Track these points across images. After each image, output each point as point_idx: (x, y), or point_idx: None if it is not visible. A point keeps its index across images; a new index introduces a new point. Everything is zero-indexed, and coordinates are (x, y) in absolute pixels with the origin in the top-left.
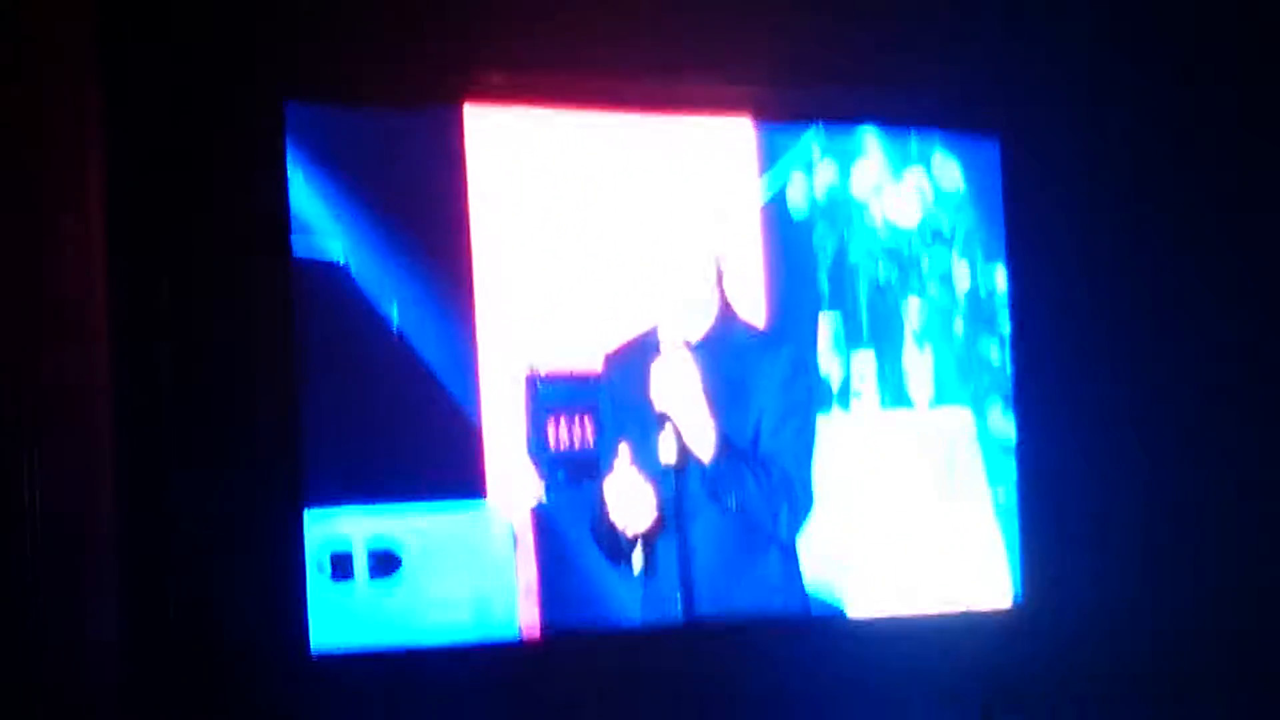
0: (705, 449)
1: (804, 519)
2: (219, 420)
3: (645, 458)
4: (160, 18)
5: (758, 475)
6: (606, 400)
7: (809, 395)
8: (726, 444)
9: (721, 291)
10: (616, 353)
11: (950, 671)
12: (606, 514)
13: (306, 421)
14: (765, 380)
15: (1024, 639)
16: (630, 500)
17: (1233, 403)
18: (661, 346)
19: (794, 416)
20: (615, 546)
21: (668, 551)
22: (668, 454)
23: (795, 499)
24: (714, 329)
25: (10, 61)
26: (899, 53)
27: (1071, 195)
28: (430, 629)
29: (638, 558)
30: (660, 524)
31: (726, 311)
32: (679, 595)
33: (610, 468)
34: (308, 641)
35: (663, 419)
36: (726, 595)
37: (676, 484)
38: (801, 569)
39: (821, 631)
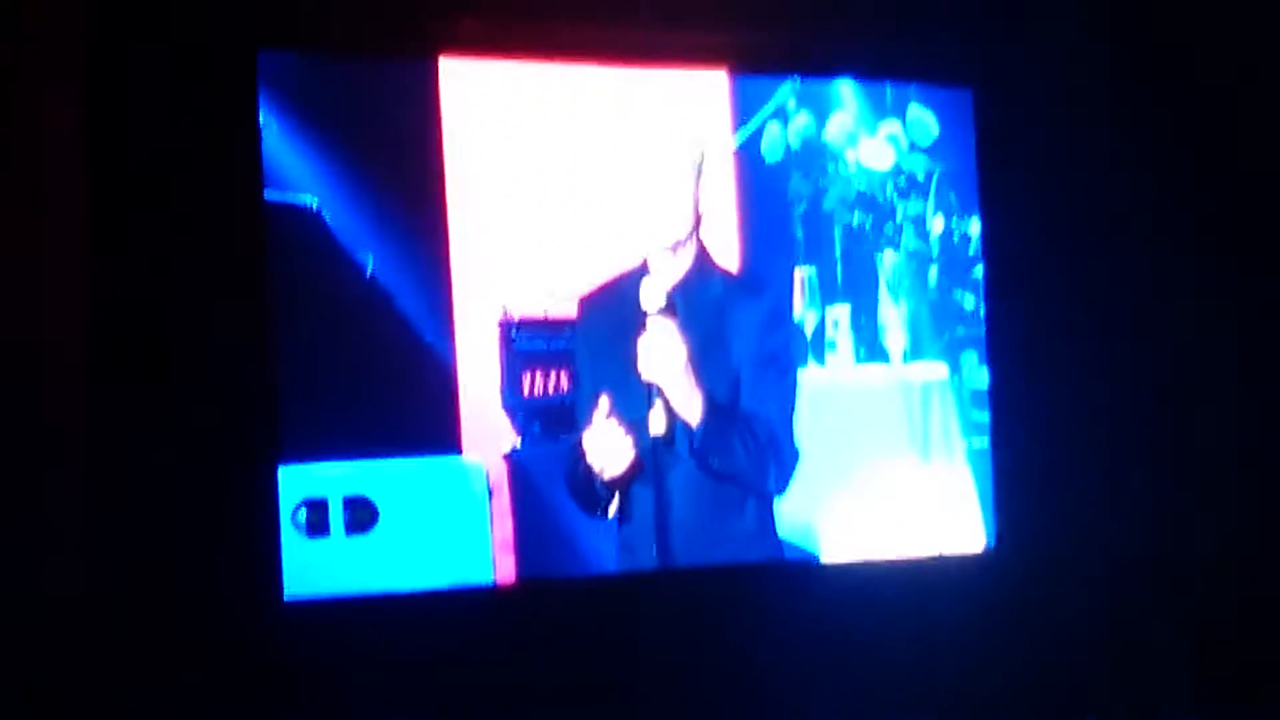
0: (693, 414)
1: (792, 473)
2: (191, 373)
3: (624, 406)
4: None
5: (744, 438)
6: (583, 346)
7: (788, 342)
8: (714, 407)
9: (698, 238)
10: (591, 297)
11: (924, 614)
12: (583, 463)
13: (281, 374)
14: (744, 328)
15: (997, 582)
16: (608, 449)
17: (1207, 346)
18: (643, 303)
19: (773, 365)
20: (591, 495)
21: (643, 499)
22: (657, 425)
23: (782, 455)
24: (690, 275)
25: None
26: (875, 4)
27: (1046, 145)
28: (406, 580)
29: (613, 505)
30: (637, 469)
31: (703, 258)
32: (654, 543)
33: (589, 420)
34: (281, 593)
35: (651, 391)
36: (701, 543)
37: (654, 438)
38: (776, 517)
39: (795, 577)
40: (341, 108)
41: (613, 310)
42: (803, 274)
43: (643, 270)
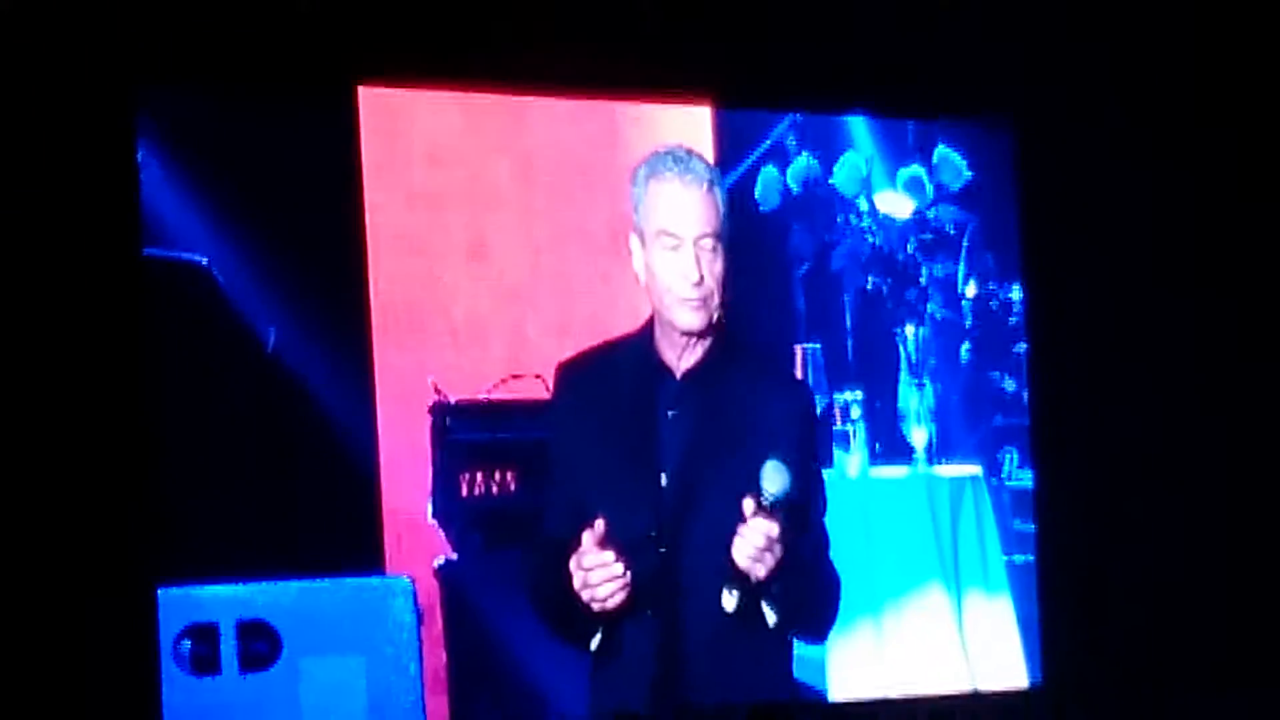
0: (770, 615)
1: (838, 606)
2: (48, 469)
3: (623, 519)
4: None
5: (809, 583)
6: (563, 430)
7: (818, 451)
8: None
9: (722, 310)
10: (575, 365)
11: None
12: (563, 577)
13: (161, 472)
14: (775, 427)
15: None
16: (602, 581)
17: None
18: (764, 484)
19: (812, 479)
20: (570, 622)
21: (638, 632)
22: (729, 603)
23: (832, 608)
24: (711, 358)
25: None
26: (892, 28)
27: (1102, 193)
28: None
29: (596, 638)
30: (632, 602)
31: (726, 338)
32: (647, 683)
33: (566, 530)
34: None
35: (731, 574)
36: (707, 683)
37: (663, 560)
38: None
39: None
40: (237, 150)
41: (608, 385)
42: (805, 351)
43: (644, 336)
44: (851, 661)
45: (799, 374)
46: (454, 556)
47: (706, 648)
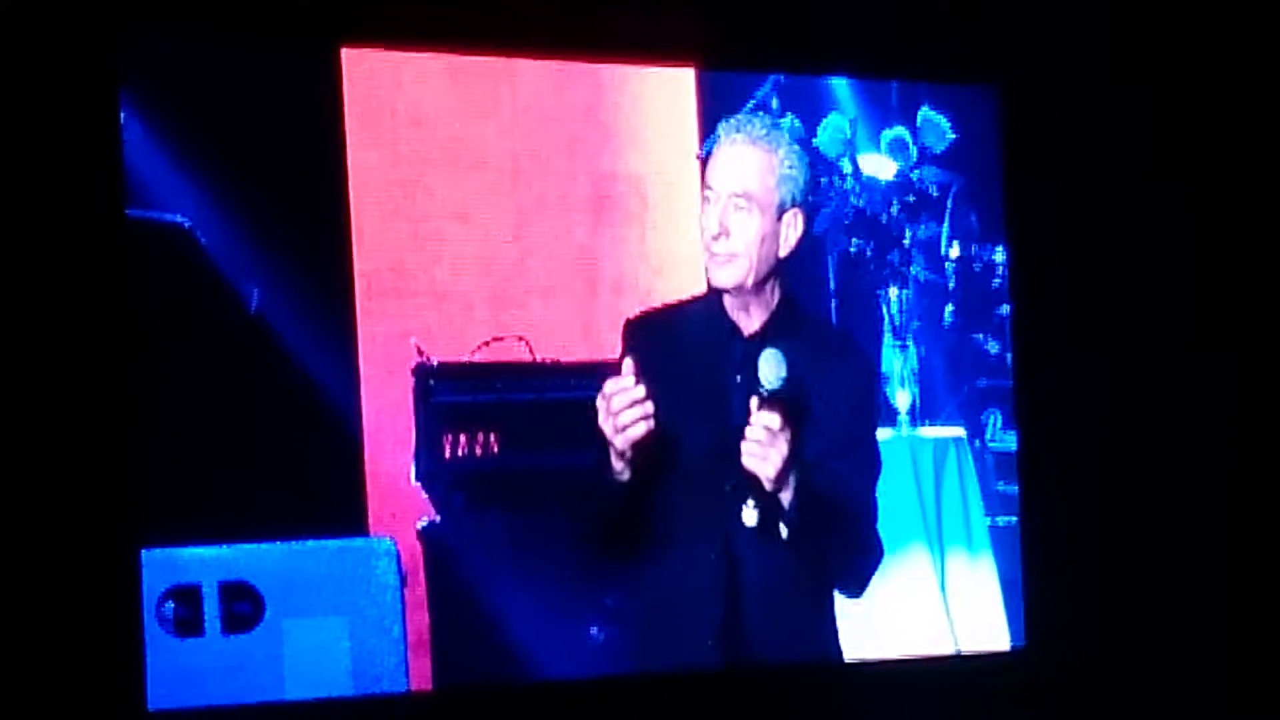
0: (785, 499)
1: (874, 573)
2: (29, 432)
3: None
4: None
5: (838, 528)
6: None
7: (876, 422)
8: (808, 495)
9: (782, 275)
10: (643, 323)
11: None
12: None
13: (142, 434)
14: (831, 397)
15: (1026, 688)
16: (624, 406)
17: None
18: (761, 377)
19: (861, 446)
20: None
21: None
22: (750, 518)
23: (874, 551)
24: (770, 322)
25: None
26: None
27: (1088, 154)
28: (297, 688)
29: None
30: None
31: (790, 302)
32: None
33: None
34: (145, 704)
35: (747, 483)
36: (767, 637)
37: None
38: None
39: (779, 681)
40: (220, 110)
41: (676, 344)
42: None
43: (714, 298)
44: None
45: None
46: (437, 518)
47: (764, 599)
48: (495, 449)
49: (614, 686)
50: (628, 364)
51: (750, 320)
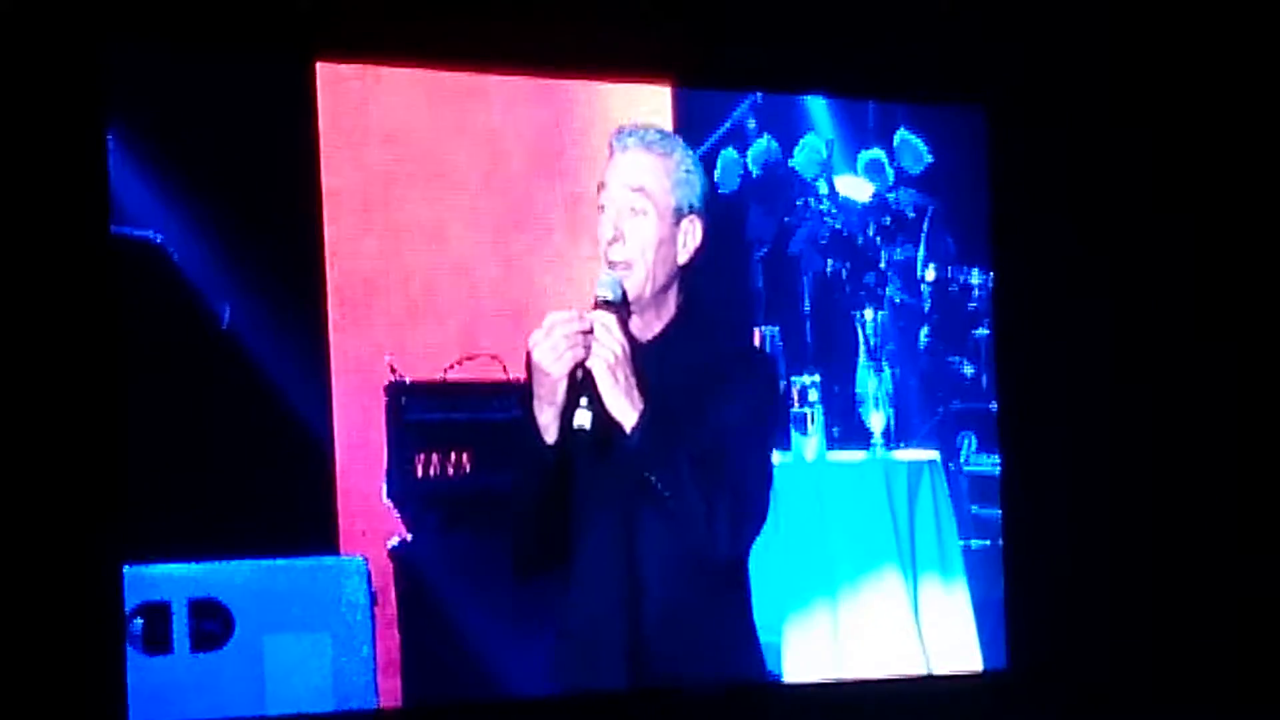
0: (627, 416)
1: (753, 533)
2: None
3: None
4: None
5: (695, 464)
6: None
7: (773, 426)
8: (660, 417)
9: (683, 282)
10: None
11: None
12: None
13: (116, 452)
14: (731, 399)
15: (1005, 711)
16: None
17: (1263, 414)
18: (597, 289)
19: (757, 448)
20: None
21: (607, 602)
22: (583, 418)
23: (744, 504)
24: (670, 329)
25: None
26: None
27: (1070, 176)
28: (266, 706)
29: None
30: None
31: (690, 309)
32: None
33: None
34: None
35: (581, 379)
36: (674, 656)
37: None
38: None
39: (753, 702)
40: (193, 126)
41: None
42: (763, 334)
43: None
44: (807, 644)
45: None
46: (409, 537)
47: (671, 620)
48: (467, 468)
49: (585, 703)
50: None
51: (647, 329)
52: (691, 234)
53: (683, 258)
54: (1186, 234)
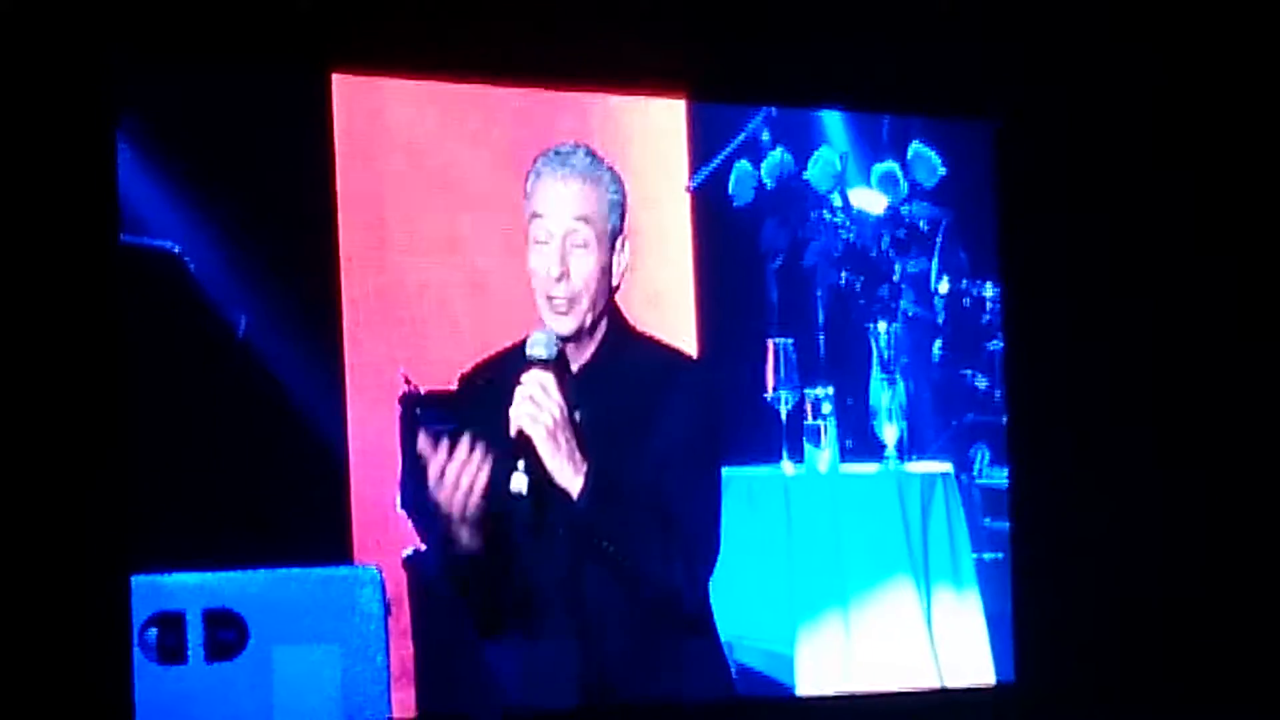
0: (571, 484)
1: (708, 571)
2: (16, 463)
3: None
4: None
5: (644, 523)
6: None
7: (714, 435)
8: (603, 483)
9: (612, 303)
10: (472, 374)
11: None
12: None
13: (129, 460)
14: (667, 411)
15: None
16: (463, 477)
17: (1274, 428)
18: (528, 350)
19: (696, 460)
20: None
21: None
22: (518, 483)
23: (695, 547)
24: (602, 350)
25: None
26: (872, 23)
27: (1081, 191)
28: (281, 716)
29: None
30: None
31: (619, 330)
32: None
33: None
34: None
35: (520, 446)
36: (635, 678)
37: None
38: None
39: (766, 714)
40: (210, 137)
41: (496, 385)
42: (777, 346)
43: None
44: (819, 657)
45: (768, 370)
46: (422, 547)
47: (629, 644)
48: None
49: (599, 715)
50: (465, 437)
51: (580, 353)
52: (624, 256)
53: (616, 280)
54: (1199, 248)
